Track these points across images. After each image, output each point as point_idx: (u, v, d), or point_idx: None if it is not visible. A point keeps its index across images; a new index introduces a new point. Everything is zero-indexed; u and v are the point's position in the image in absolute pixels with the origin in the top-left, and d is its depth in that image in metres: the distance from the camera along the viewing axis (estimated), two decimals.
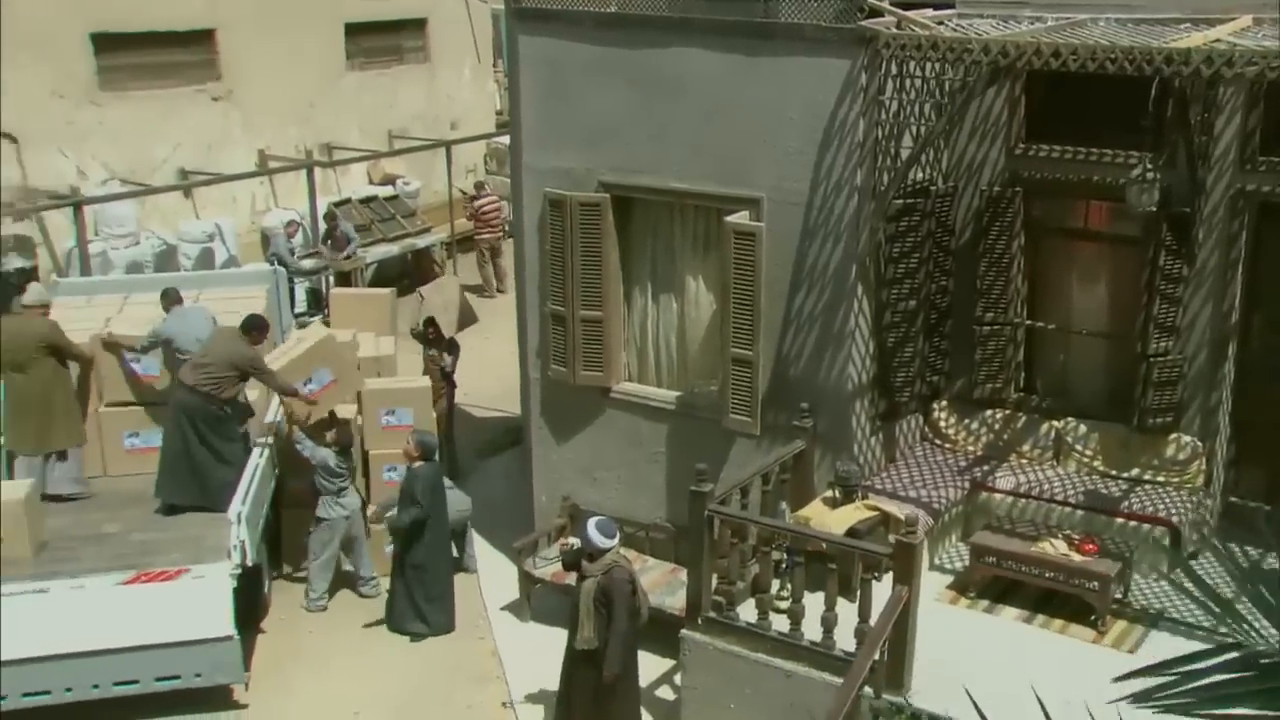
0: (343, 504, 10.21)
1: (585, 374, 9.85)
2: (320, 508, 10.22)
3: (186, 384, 9.76)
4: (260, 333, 10.23)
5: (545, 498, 10.58)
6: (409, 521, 9.68)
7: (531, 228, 9.90)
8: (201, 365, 9.78)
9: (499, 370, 14.68)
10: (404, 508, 9.72)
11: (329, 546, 10.31)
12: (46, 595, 8.67)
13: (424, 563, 9.92)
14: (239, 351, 9.94)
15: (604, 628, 7.78)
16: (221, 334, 10.16)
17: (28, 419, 9.94)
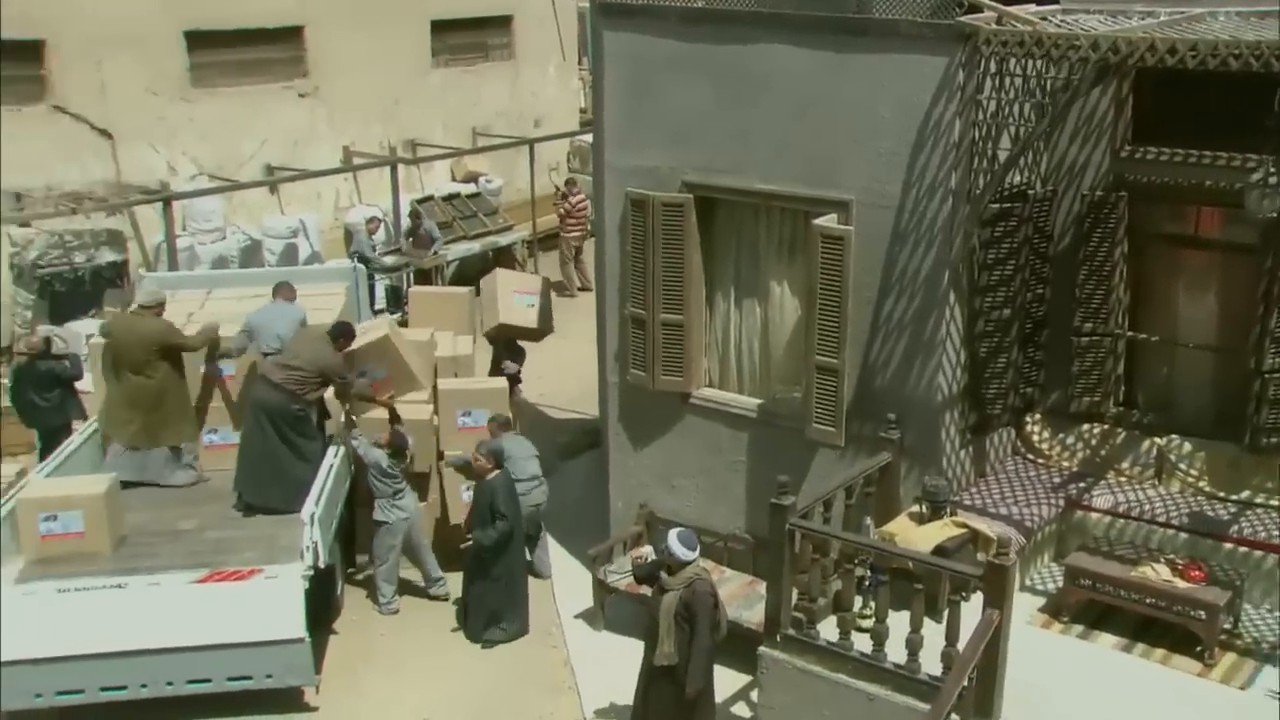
0: (400, 506, 10.08)
1: (665, 379, 9.61)
2: (377, 510, 10.10)
3: (271, 381, 9.70)
4: (347, 340, 10.17)
5: (622, 504, 10.36)
6: (497, 537, 9.54)
7: (613, 228, 9.69)
8: (288, 366, 9.72)
9: (578, 371, 14.53)
10: (485, 522, 9.57)
11: (392, 550, 10.18)
12: (123, 591, 8.65)
13: (502, 574, 9.76)
14: (326, 358, 9.90)
15: (685, 643, 7.52)
16: (310, 337, 10.11)
17: (139, 416, 10.01)
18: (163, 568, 8.84)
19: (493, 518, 9.53)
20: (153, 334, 9.95)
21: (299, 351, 9.86)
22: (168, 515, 9.78)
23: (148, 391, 9.93)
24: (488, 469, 9.64)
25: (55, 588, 8.60)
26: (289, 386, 9.66)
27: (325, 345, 9.97)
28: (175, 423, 10.13)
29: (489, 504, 9.56)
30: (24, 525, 8.86)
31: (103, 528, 8.97)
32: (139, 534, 9.39)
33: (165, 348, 9.95)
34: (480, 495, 9.66)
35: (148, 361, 9.88)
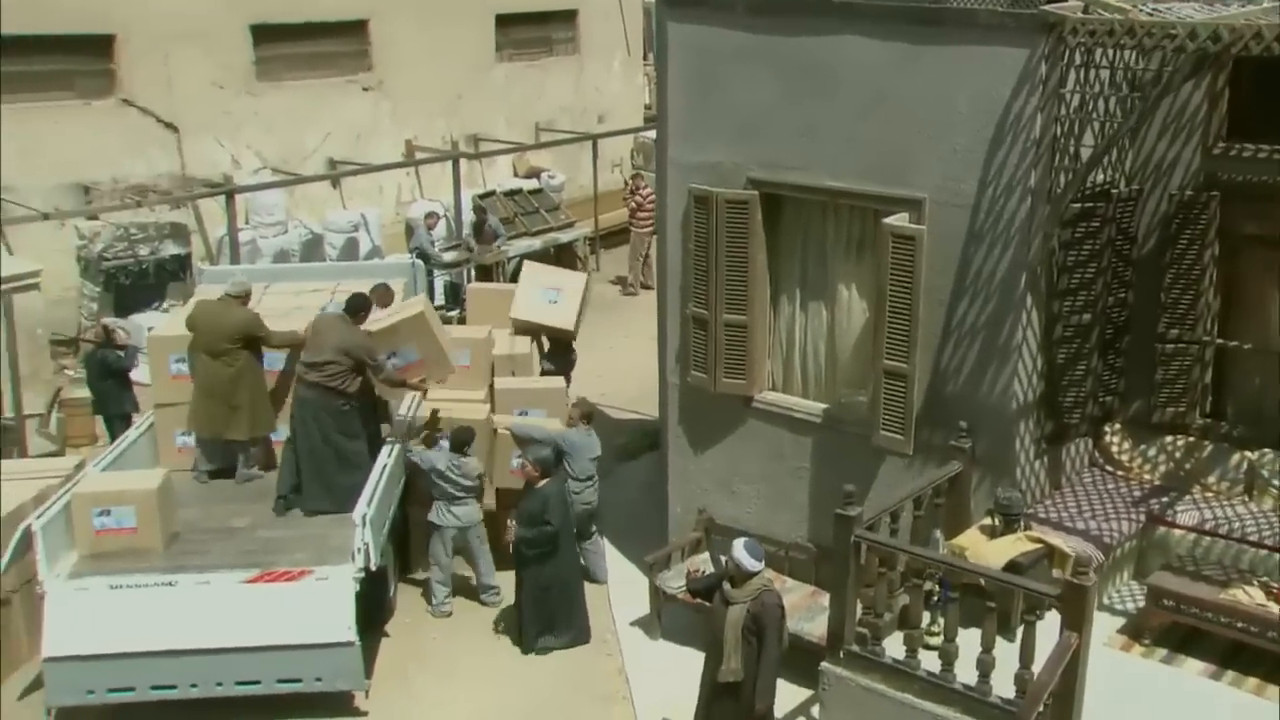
0: (456, 513, 9.84)
1: (727, 381, 9.31)
2: (432, 512, 9.90)
3: (306, 381, 9.52)
4: (366, 312, 9.81)
5: (680, 509, 10.08)
6: (536, 537, 9.30)
7: (675, 225, 9.41)
8: (315, 364, 9.46)
9: (639, 371, 14.33)
10: (531, 525, 9.35)
11: (444, 555, 9.99)
12: (174, 589, 8.54)
13: (552, 582, 9.53)
14: (345, 337, 9.53)
15: (752, 658, 7.21)
16: (325, 322, 9.77)
17: (212, 404, 9.85)
18: (213, 566, 8.71)
19: (541, 525, 9.30)
20: (236, 322, 9.80)
21: (320, 343, 9.54)
22: (220, 511, 9.66)
23: (223, 380, 9.76)
24: (535, 477, 9.40)
25: (107, 584, 8.52)
26: (327, 384, 9.44)
27: (344, 325, 9.64)
28: (248, 416, 9.92)
29: (539, 510, 9.32)
30: (78, 520, 8.78)
31: (155, 524, 8.86)
32: (191, 531, 9.28)
33: (247, 338, 9.79)
34: (531, 501, 9.41)
35: (228, 350, 9.74)
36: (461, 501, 9.83)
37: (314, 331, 9.69)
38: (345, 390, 9.52)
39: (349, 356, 9.49)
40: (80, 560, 8.78)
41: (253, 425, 10.00)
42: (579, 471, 10.16)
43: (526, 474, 9.46)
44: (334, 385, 9.46)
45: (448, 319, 14.60)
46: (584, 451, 10.24)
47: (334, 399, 9.50)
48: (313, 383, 9.44)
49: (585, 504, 10.30)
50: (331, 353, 9.45)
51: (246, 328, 9.82)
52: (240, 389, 9.82)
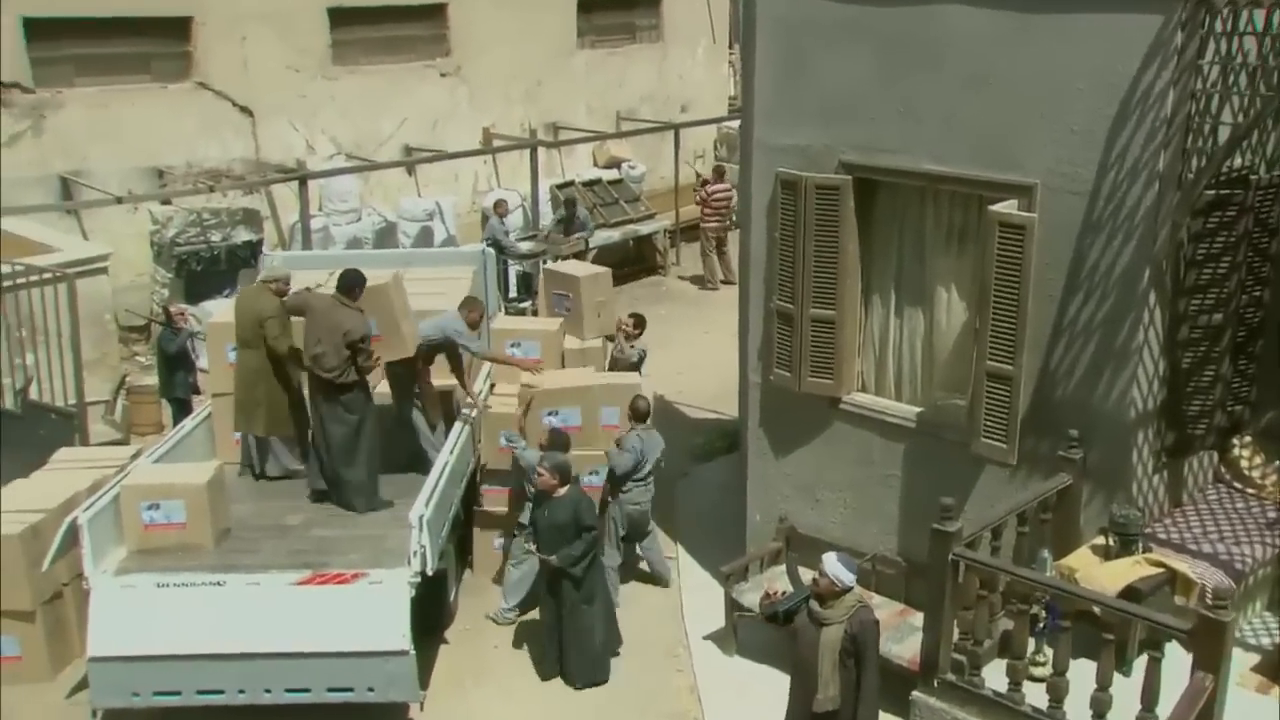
0: None
1: (813, 381, 8.64)
2: (526, 513, 9.34)
3: (319, 379, 9.04)
4: (359, 289, 9.14)
5: (760, 517, 9.43)
6: (585, 550, 8.56)
7: (760, 213, 8.75)
8: (316, 355, 8.94)
9: (718, 368, 13.71)
10: (565, 541, 8.50)
11: (529, 557, 9.42)
12: (223, 589, 8.10)
13: (598, 594, 8.83)
14: (337, 319, 8.95)
15: (851, 684, 6.53)
16: (318, 304, 9.15)
17: (239, 395, 9.48)
18: (263, 566, 8.26)
19: (577, 533, 8.50)
20: (260, 312, 9.33)
21: (313, 327, 9.02)
22: (274, 508, 9.22)
23: (248, 370, 9.36)
24: (553, 485, 8.58)
25: (154, 581, 8.10)
26: (321, 375, 8.95)
27: (335, 306, 9.05)
28: (265, 412, 9.46)
29: (569, 520, 8.48)
30: (127, 513, 8.38)
31: (205, 519, 8.43)
32: (243, 528, 8.85)
33: (265, 328, 9.30)
34: (557, 511, 8.53)
35: (254, 339, 9.30)
36: None
37: (308, 314, 9.13)
38: (348, 381, 9.00)
39: (344, 339, 8.90)
40: (128, 556, 8.39)
41: (270, 423, 9.52)
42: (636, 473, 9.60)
43: (543, 483, 8.59)
44: (340, 379, 8.94)
45: (520, 310, 14.11)
46: (648, 453, 9.63)
47: (333, 390, 9.01)
48: (326, 380, 8.97)
49: (635, 504, 9.68)
50: (325, 336, 8.93)
51: (262, 316, 9.29)
52: (260, 382, 9.37)
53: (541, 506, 8.68)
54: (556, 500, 8.54)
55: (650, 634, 9.48)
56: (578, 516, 8.50)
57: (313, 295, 9.26)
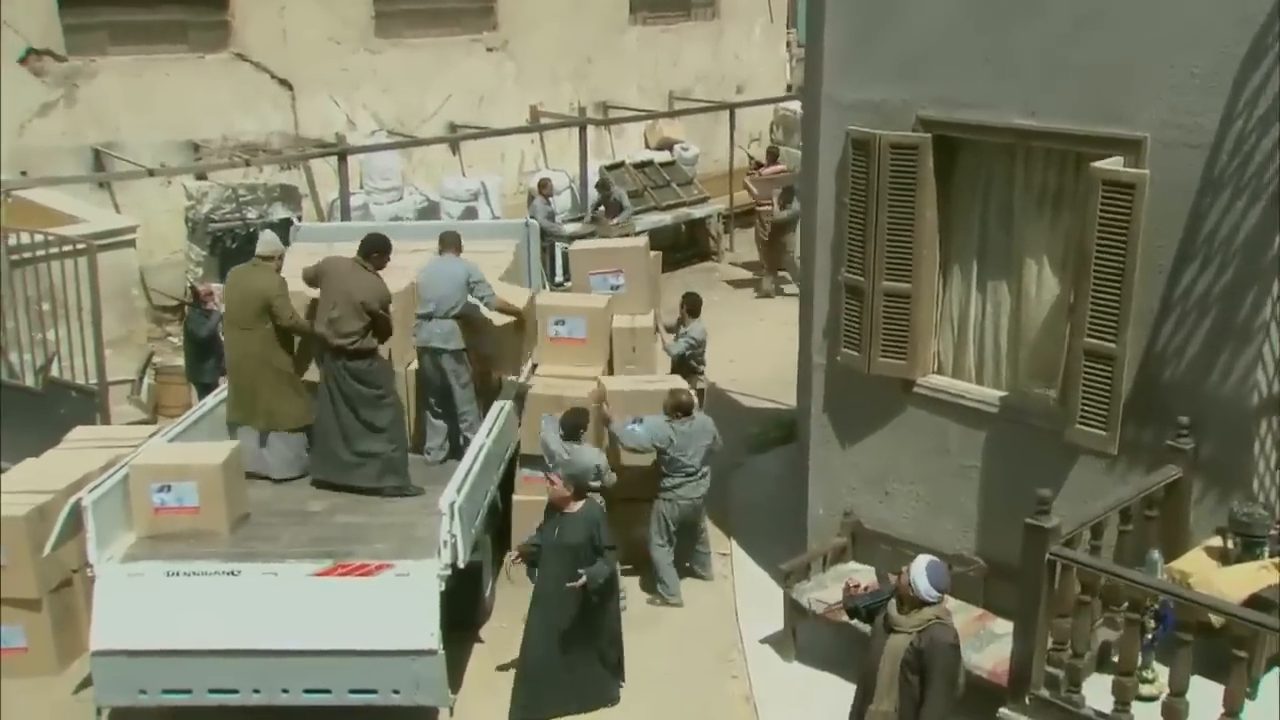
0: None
1: (883, 361, 7.84)
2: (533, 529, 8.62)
3: (329, 344, 8.33)
4: (382, 255, 8.52)
5: (823, 510, 8.64)
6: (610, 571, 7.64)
7: (828, 176, 7.96)
8: (333, 319, 8.26)
9: (772, 357, 13.11)
10: (586, 559, 7.46)
11: None
12: (237, 579, 7.44)
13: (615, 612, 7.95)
14: (358, 283, 8.29)
15: (911, 702, 5.75)
16: (336, 267, 8.47)
17: (234, 383, 8.79)
18: (281, 555, 7.59)
19: (593, 555, 7.50)
20: (259, 289, 8.55)
21: (330, 291, 8.33)
22: (296, 493, 8.58)
23: (246, 356, 8.59)
24: (565, 497, 7.49)
25: (164, 570, 7.45)
26: (335, 341, 8.26)
27: (355, 269, 8.39)
28: (265, 404, 8.67)
29: (584, 541, 7.44)
30: (135, 495, 7.74)
31: (219, 503, 7.78)
32: (262, 513, 8.19)
33: (270, 307, 8.52)
34: (569, 530, 7.45)
35: (251, 323, 8.54)
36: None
37: (323, 277, 8.43)
38: (360, 348, 8.33)
39: (362, 306, 8.29)
40: (136, 542, 7.75)
41: (270, 417, 8.68)
42: (681, 463, 8.85)
43: (555, 495, 7.52)
44: (355, 346, 8.28)
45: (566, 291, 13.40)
46: (685, 449, 8.88)
47: (352, 360, 8.35)
48: (339, 347, 8.29)
49: (686, 500, 8.95)
50: (343, 302, 8.26)
51: (266, 293, 8.51)
52: (260, 370, 8.59)
53: (550, 522, 7.58)
54: (569, 517, 7.44)
55: (702, 636, 8.74)
56: (594, 536, 7.44)
57: (328, 259, 8.59)
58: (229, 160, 14.58)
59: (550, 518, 7.56)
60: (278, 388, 8.64)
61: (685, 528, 9.09)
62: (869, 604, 6.16)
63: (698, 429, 8.97)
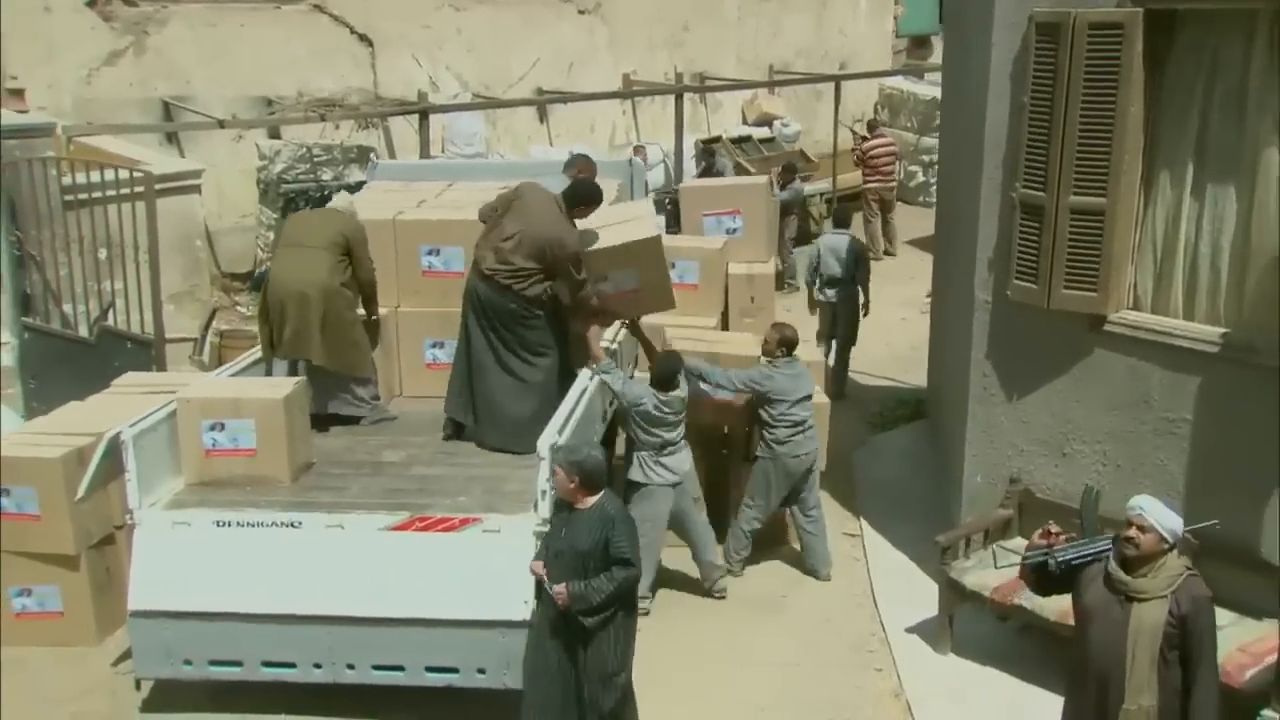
0: (666, 464, 7.34)
1: (1068, 294, 6.53)
2: (632, 468, 7.40)
3: (482, 270, 7.12)
4: (590, 206, 7.36)
5: (982, 478, 7.33)
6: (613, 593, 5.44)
7: (1001, 73, 6.69)
8: (502, 244, 7.05)
9: (886, 336, 12.36)
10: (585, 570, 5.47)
11: (647, 524, 7.43)
12: (298, 533, 6.32)
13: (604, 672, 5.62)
14: (553, 228, 7.06)
15: (1168, 689, 4.43)
16: (534, 197, 7.25)
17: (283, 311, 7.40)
18: (348, 506, 6.46)
19: (604, 566, 5.45)
20: (341, 225, 7.52)
21: (518, 216, 7.11)
22: (371, 442, 7.44)
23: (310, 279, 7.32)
24: (572, 491, 5.55)
25: (214, 519, 6.36)
26: (500, 279, 7.05)
27: (556, 213, 7.18)
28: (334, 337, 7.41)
29: (595, 548, 5.45)
30: (184, 434, 6.65)
31: (280, 445, 6.66)
32: (330, 463, 7.07)
33: (344, 243, 7.43)
34: (578, 532, 5.53)
35: (324, 244, 7.39)
36: (673, 449, 7.35)
37: (513, 202, 7.22)
38: (523, 293, 7.08)
39: (542, 254, 7.04)
40: (185, 490, 6.67)
41: (330, 351, 7.39)
42: (783, 417, 7.59)
43: (561, 488, 5.62)
44: (518, 287, 7.06)
45: None
46: (789, 392, 7.62)
47: (513, 303, 7.10)
48: (490, 274, 7.06)
49: (795, 456, 7.65)
50: (530, 244, 7.02)
51: (347, 236, 7.45)
52: (325, 302, 7.31)
53: (559, 520, 5.74)
54: (579, 515, 5.55)
55: (833, 625, 7.47)
56: (610, 541, 5.44)
57: (525, 184, 7.40)
58: (304, 115, 13.62)
59: (558, 514, 5.78)
60: (340, 325, 7.43)
61: (792, 494, 7.81)
62: (1075, 557, 4.74)
63: (804, 373, 7.73)
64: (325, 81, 14.54)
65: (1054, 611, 6.30)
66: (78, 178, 9.96)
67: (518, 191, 7.31)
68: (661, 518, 7.40)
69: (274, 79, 14.18)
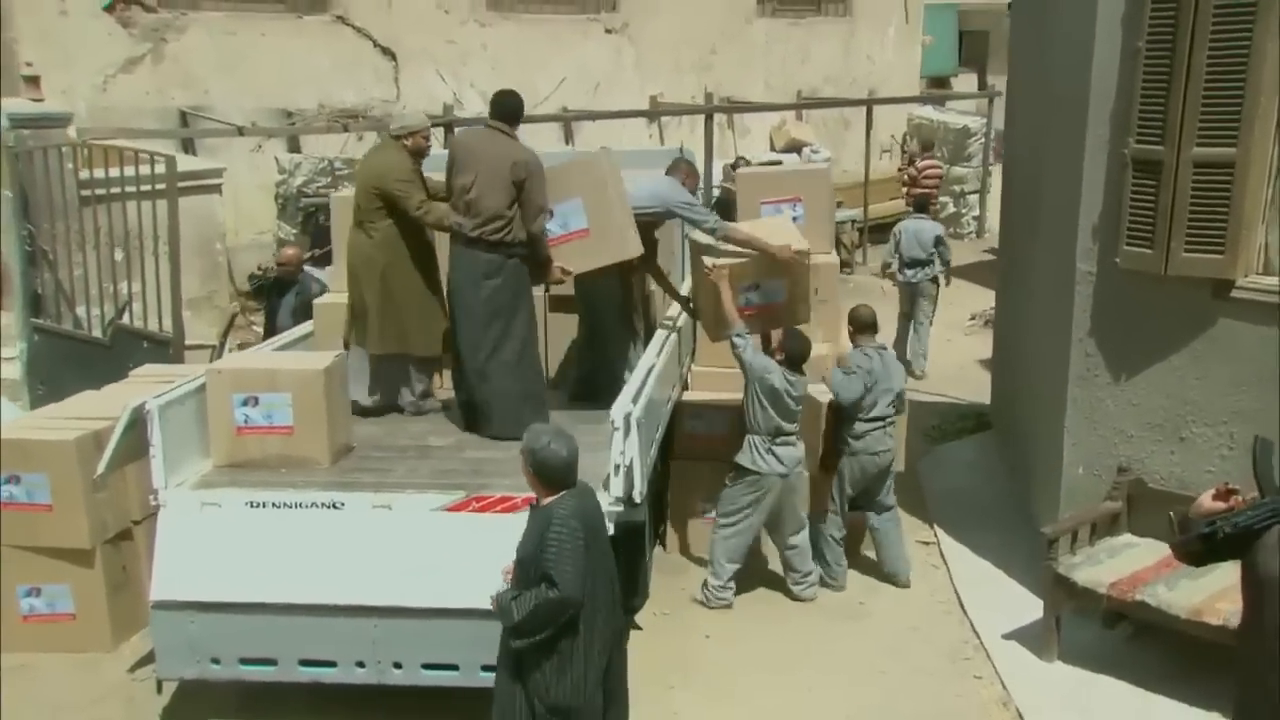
0: (777, 454, 6.75)
1: (1189, 258, 5.95)
2: (743, 452, 6.81)
3: (464, 233, 6.47)
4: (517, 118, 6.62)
5: (1083, 469, 6.68)
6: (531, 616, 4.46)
7: (1110, 15, 6.15)
8: (469, 200, 6.41)
9: (933, 355, 12.00)
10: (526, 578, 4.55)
11: (747, 513, 6.85)
12: (339, 515, 5.68)
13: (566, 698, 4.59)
14: (502, 149, 6.42)
15: None
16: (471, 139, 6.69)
17: (352, 301, 6.93)
18: (398, 486, 5.82)
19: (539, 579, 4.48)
20: (378, 171, 6.69)
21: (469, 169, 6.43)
22: (411, 429, 6.82)
23: (360, 258, 6.76)
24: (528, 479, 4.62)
25: (246, 500, 5.72)
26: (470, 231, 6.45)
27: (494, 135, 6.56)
28: (378, 320, 6.76)
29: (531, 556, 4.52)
30: (214, 410, 6.02)
31: (320, 423, 6.02)
32: (371, 448, 6.44)
33: (388, 194, 6.62)
34: (527, 534, 4.60)
35: (370, 213, 6.70)
36: (786, 440, 6.77)
37: (457, 158, 6.58)
38: (512, 240, 6.45)
39: (515, 176, 6.37)
40: (214, 470, 6.03)
41: (382, 336, 6.78)
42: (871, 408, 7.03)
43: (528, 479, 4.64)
44: (496, 236, 6.41)
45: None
46: (886, 377, 7.10)
47: (486, 252, 6.43)
48: (474, 238, 6.43)
49: (872, 454, 7.08)
50: (491, 176, 6.34)
51: (382, 178, 6.62)
52: (375, 275, 6.71)
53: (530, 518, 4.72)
54: (533, 515, 4.63)
55: (920, 632, 6.80)
56: (542, 552, 4.45)
57: (462, 132, 6.85)
58: (325, 125, 13.14)
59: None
60: (398, 300, 6.78)
61: (864, 495, 7.19)
62: (1251, 521, 4.05)
63: (894, 365, 7.16)
64: (347, 94, 14.08)
65: (1185, 609, 5.69)
66: (96, 172, 9.43)
67: (458, 143, 6.75)
68: (761, 507, 6.84)
69: (294, 90, 13.71)
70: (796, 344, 6.81)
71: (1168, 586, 5.85)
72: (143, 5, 12.82)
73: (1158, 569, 6.02)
